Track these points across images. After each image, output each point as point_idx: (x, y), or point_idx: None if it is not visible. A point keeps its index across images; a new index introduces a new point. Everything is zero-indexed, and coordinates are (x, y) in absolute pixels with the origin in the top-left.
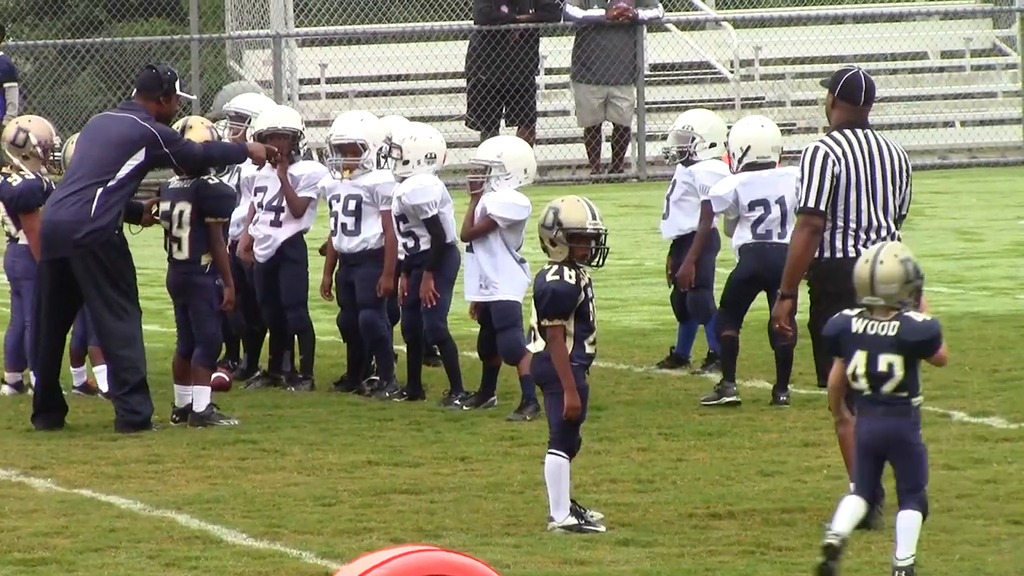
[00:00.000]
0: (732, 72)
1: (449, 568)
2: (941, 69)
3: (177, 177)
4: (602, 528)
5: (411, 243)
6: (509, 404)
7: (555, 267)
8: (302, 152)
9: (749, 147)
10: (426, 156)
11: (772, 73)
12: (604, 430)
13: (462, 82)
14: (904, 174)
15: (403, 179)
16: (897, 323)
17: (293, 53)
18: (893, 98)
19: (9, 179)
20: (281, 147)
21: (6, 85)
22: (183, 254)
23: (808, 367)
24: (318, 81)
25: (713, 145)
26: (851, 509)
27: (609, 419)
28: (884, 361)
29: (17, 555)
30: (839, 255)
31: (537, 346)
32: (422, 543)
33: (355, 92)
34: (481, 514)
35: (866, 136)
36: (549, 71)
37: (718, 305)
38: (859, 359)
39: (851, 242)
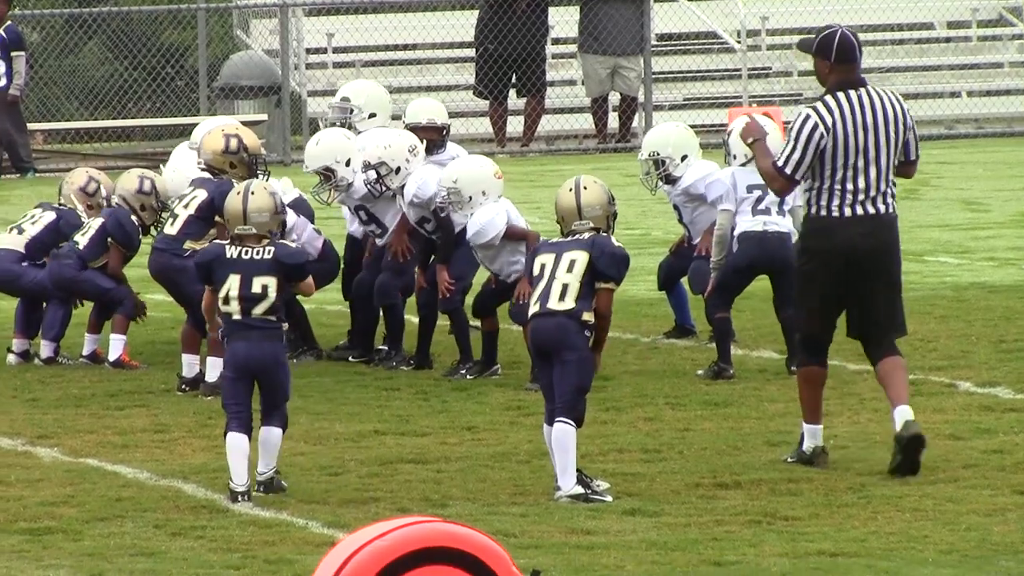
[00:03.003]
0: (739, 42)
1: (451, 539)
2: (948, 40)
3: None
4: (608, 498)
5: (431, 226)
6: (515, 374)
7: (612, 237)
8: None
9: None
10: (409, 151)
11: (779, 43)
12: (611, 400)
13: (470, 52)
14: (900, 125)
15: (402, 186)
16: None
17: (300, 22)
18: (899, 68)
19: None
20: (432, 139)
21: (14, 54)
22: (172, 230)
23: None
24: (325, 51)
25: (684, 157)
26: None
27: (616, 389)
28: None
29: (23, 524)
30: (823, 213)
31: (564, 305)
32: (427, 514)
33: (362, 62)
34: (488, 483)
35: (859, 97)
36: (556, 41)
37: (711, 288)
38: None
39: (836, 201)
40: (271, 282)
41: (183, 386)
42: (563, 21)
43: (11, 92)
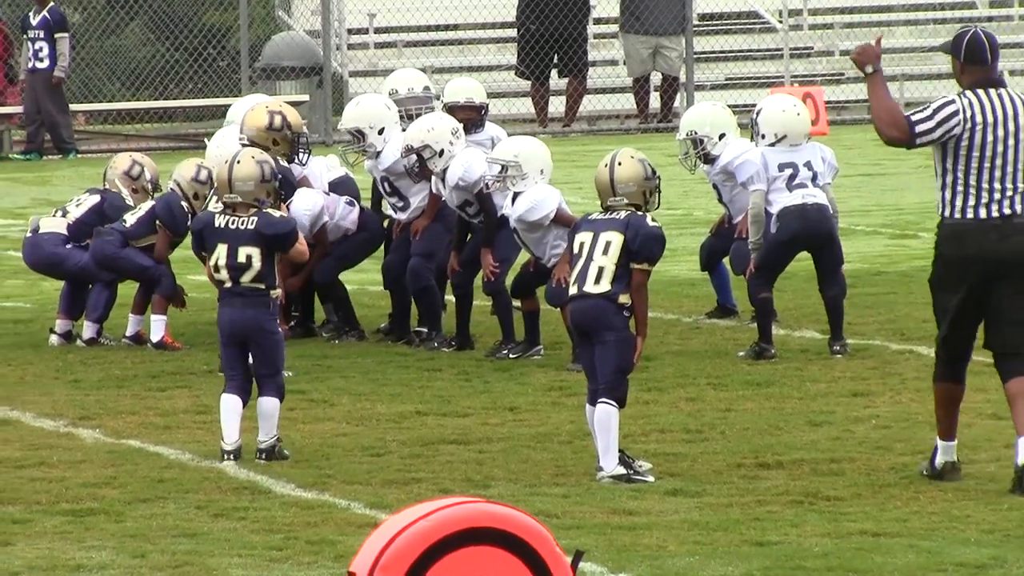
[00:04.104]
0: (781, 22)
1: (495, 519)
2: (990, 19)
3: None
4: (651, 478)
5: (473, 209)
6: (556, 355)
7: (648, 215)
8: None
9: (785, 135)
10: (452, 134)
11: (821, 23)
12: (653, 380)
13: (511, 32)
14: None
15: (445, 170)
16: None
17: (342, 3)
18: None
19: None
20: (471, 118)
21: (57, 36)
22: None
23: (857, 317)
24: (366, 31)
25: (722, 136)
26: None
27: (658, 369)
28: None
29: (66, 506)
30: (957, 215)
31: (600, 287)
32: (469, 494)
33: (403, 42)
34: (530, 464)
35: (999, 96)
36: (598, 21)
37: (752, 268)
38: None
39: (972, 202)
40: (255, 252)
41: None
42: (605, 1)
43: (56, 74)
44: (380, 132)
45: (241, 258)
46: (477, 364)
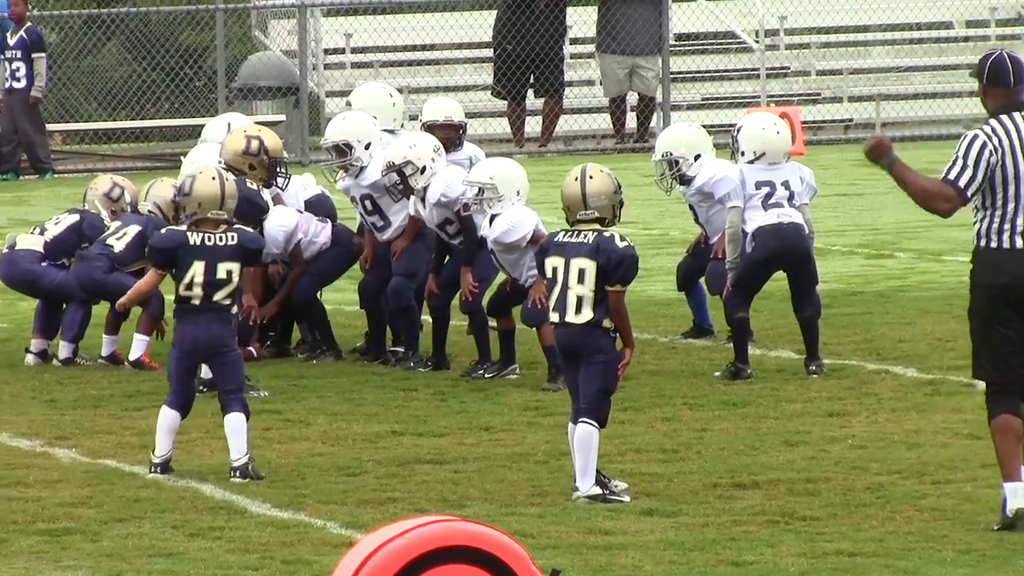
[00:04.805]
0: (757, 42)
1: (471, 538)
2: (966, 39)
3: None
4: (626, 498)
5: (453, 228)
6: (532, 374)
7: (616, 234)
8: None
9: (764, 153)
10: (434, 151)
11: (797, 43)
12: (629, 400)
13: (488, 52)
14: None
15: (425, 188)
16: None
17: (318, 23)
18: (918, 67)
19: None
20: (450, 137)
21: (34, 56)
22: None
23: (832, 337)
24: (343, 51)
25: (698, 156)
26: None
27: (634, 389)
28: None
29: (42, 525)
30: (993, 244)
31: (582, 317)
32: (445, 513)
33: (380, 62)
34: (505, 484)
35: (1020, 119)
36: (574, 41)
37: (729, 286)
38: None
39: (1008, 230)
40: (235, 267)
41: (201, 387)
42: (581, 21)
43: (32, 94)
44: (367, 147)
45: (221, 274)
46: (453, 384)
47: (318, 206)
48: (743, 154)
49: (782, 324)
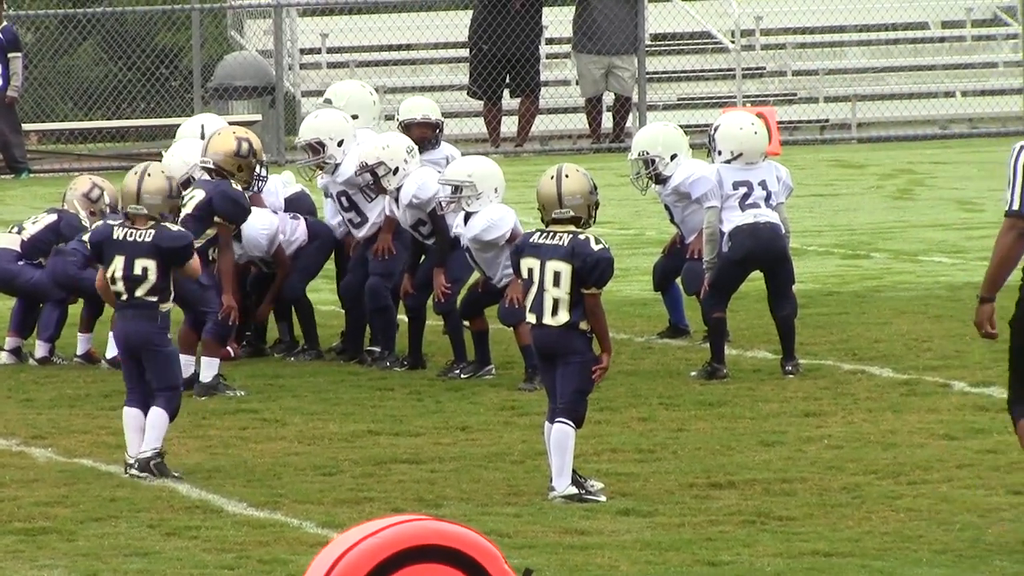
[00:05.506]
0: (733, 42)
1: (442, 537)
2: (942, 39)
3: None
4: (602, 498)
5: (426, 229)
6: (508, 374)
7: (591, 236)
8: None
9: (741, 153)
10: (407, 152)
11: (773, 43)
12: (605, 400)
13: (464, 52)
14: None
15: (399, 188)
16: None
17: (294, 23)
18: (894, 68)
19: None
20: (426, 136)
21: (10, 55)
22: None
23: (809, 337)
24: (319, 51)
25: (674, 156)
26: None
27: (610, 389)
28: None
29: (18, 524)
30: None
31: (558, 319)
32: (420, 512)
33: (356, 62)
34: (482, 484)
35: None
36: (550, 41)
37: (706, 286)
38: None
39: None
40: (151, 264)
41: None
42: (557, 21)
43: (8, 93)
44: (339, 144)
45: (137, 270)
46: (429, 384)
47: (298, 204)
48: (720, 154)
49: (758, 324)
